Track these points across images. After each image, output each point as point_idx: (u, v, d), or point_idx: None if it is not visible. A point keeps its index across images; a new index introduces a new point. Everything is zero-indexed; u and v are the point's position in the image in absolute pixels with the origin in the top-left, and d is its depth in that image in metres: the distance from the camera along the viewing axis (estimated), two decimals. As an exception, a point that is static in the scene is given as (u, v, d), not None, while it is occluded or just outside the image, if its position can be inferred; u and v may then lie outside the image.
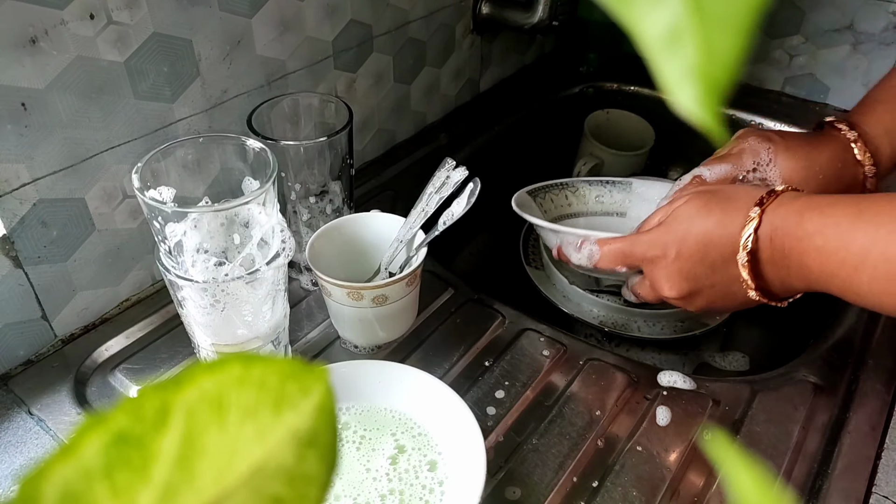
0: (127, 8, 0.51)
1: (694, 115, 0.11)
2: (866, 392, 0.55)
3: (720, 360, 0.73)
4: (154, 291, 0.62)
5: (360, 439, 0.49)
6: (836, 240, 0.43)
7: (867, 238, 0.41)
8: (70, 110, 0.51)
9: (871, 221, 0.41)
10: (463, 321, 0.61)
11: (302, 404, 0.13)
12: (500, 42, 1.00)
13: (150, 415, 0.12)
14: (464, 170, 0.54)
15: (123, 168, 0.56)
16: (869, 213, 0.42)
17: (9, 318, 0.53)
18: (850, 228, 0.42)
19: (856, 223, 0.42)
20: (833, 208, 0.44)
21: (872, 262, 0.41)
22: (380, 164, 0.84)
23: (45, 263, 0.53)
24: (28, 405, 0.52)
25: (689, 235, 0.50)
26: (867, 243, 0.41)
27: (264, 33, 0.63)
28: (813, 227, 0.44)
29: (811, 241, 0.44)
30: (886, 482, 0.48)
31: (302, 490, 0.13)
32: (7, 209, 0.50)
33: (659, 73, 0.11)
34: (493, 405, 0.53)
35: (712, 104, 0.11)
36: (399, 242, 0.56)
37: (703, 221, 0.49)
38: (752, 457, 0.47)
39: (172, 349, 0.57)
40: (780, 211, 0.46)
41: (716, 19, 0.11)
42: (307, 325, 0.60)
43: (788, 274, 0.47)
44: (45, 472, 0.12)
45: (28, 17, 0.46)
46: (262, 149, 0.47)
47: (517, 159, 0.97)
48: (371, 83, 0.79)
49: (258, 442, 0.13)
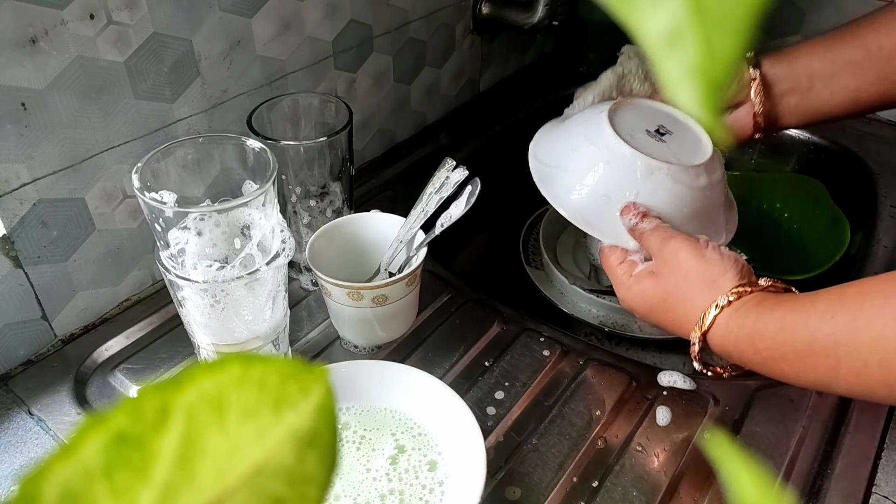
0: (127, 8, 0.51)
1: (694, 114, 0.11)
2: (866, 392, 0.55)
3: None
4: (154, 291, 0.62)
5: (360, 439, 0.49)
6: (800, 366, 0.44)
7: (831, 360, 0.42)
8: (70, 110, 0.51)
9: (827, 341, 0.42)
10: (463, 321, 0.61)
11: (302, 404, 0.13)
12: (500, 42, 1.00)
13: (150, 415, 0.12)
14: (464, 170, 0.54)
15: (123, 168, 0.56)
16: (823, 333, 0.42)
17: (9, 318, 0.53)
18: (810, 355, 0.43)
19: (813, 347, 0.43)
20: (784, 333, 0.44)
21: (844, 378, 0.42)
22: (380, 164, 0.84)
23: (45, 263, 0.53)
24: (28, 405, 0.52)
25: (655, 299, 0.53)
26: (833, 364, 0.42)
27: (264, 33, 0.63)
28: (771, 356, 0.45)
29: (777, 367, 0.46)
30: (886, 482, 0.48)
31: (302, 490, 0.13)
32: (7, 209, 0.50)
33: (659, 73, 0.11)
34: (493, 405, 0.53)
35: (712, 103, 0.11)
36: (399, 242, 0.56)
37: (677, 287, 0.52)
38: (752, 457, 0.47)
39: (172, 349, 0.57)
40: (731, 334, 0.48)
41: (716, 19, 0.11)
42: (307, 325, 0.60)
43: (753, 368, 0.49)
44: (45, 472, 0.12)
45: (28, 17, 0.46)
46: (262, 149, 0.47)
47: (517, 159, 0.97)
48: (371, 83, 0.79)
49: (258, 442, 0.13)
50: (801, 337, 0.43)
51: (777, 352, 0.44)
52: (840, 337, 0.41)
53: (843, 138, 0.91)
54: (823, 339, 0.42)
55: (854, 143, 0.90)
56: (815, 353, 0.42)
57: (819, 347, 0.42)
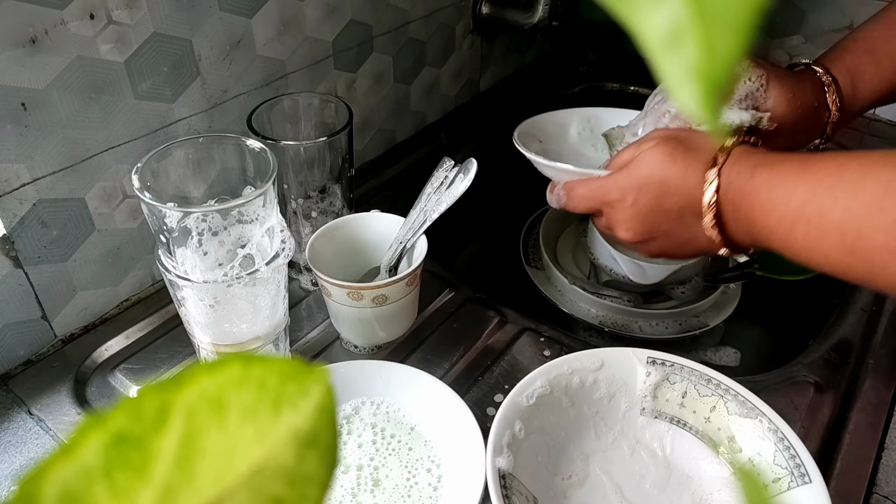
0: (127, 8, 0.51)
1: (695, 114, 0.11)
2: (866, 392, 0.55)
3: (712, 354, 0.73)
4: (154, 291, 0.62)
5: (360, 439, 0.49)
6: (779, 195, 0.43)
7: (806, 193, 0.42)
8: (70, 110, 0.51)
9: (813, 177, 0.42)
10: (463, 321, 0.61)
11: (302, 404, 0.13)
12: (500, 42, 1.00)
13: (149, 415, 0.12)
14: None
15: (123, 168, 0.56)
16: (813, 170, 0.42)
17: (9, 318, 0.53)
18: (793, 184, 0.43)
19: (798, 179, 0.43)
20: (782, 164, 0.44)
21: (807, 217, 0.41)
22: (380, 164, 0.84)
23: (45, 263, 0.53)
24: (28, 405, 0.52)
25: (650, 183, 0.51)
26: (805, 198, 0.42)
27: (264, 33, 0.63)
28: (761, 181, 0.45)
29: (758, 196, 0.45)
30: (886, 482, 0.48)
31: (302, 490, 0.13)
32: (7, 209, 0.50)
33: (660, 73, 0.11)
34: (492, 406, 0.53)
35: (713, 103, 0.11)
36: (399, 242, 0.56)
37: (664, 170, 0.50)
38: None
39: (172, 349, 0.57)
40: (735, 168, 0.47)
41: (716, 19, 0.11)
42: (307, 325, 0.60)
43: (738, 227, 0.48)
44: (44, 472, 0.12)
45: (28, 17, 0.46)
46: (262, 149, 0.47)
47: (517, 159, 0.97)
48: (371, 83, 0.79)
49: (258, 442, 0.13)
50: (795, 165, 0.43)
51: (768, 176, 0.44)
52: (825, 174, 0.41)
53: (843, 138, 0.91)
54: (812, 172, 0.42)
55: (854, 143, 0.90)
56: (797, 182, 0.42)
57: (802, 178, 0.42)
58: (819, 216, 0.41)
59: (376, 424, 0.50)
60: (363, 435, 0.49)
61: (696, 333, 0.70)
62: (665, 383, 0.50)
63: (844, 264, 0.40)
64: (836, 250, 0.40)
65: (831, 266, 0.41)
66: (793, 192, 0.43)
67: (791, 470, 0.43)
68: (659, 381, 0.49)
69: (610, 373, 0.50)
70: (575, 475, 0.48)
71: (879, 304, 0.64)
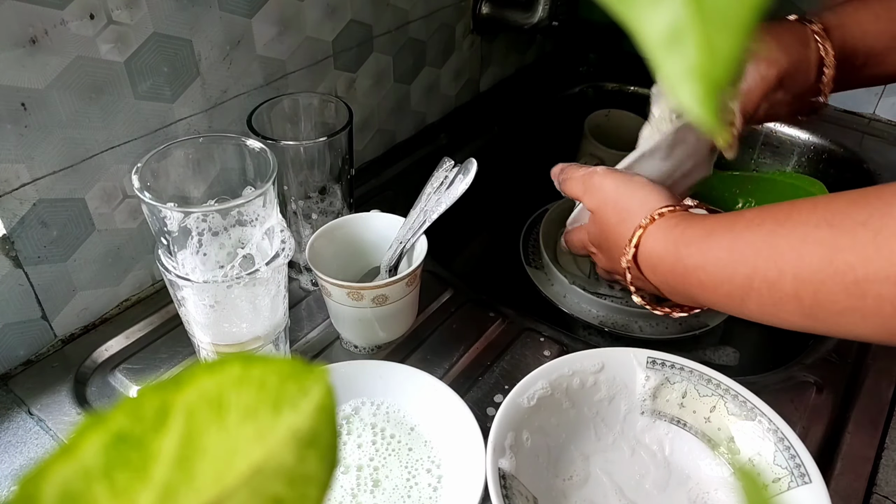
0: (127, 8, 0.51)
1: (695, 114, 0.11)
2: (866, 392, 0.55)
3: (712, 354, 0.73)
4: (154, 291, 0.62)
5: (359, 439, 0.49)
6: (718, 275, 0.43)
7: (748, 268, 0.41)
8: (70, 110, 0.51)
9: (749, 246, 0.41)
10: (463, 321, 0.61)
11: (302, 404, 0.13)
12: (500, 42, 1.00)
13: (149, 415, 0.12)
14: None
15: (123, 168, 0.56)
16: (745, 239, 0.42)
17: (9, 318, 0.53)
18: (730, 261, 0.42)
19: (733, 253, 0.42)
20: (710, 240, 0.44)
21: (757, 290, 0.41)
22: (380, 164, 0.84)
23: (45, 263, 0.53)
24: (28, 405, 0.52)
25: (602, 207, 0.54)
26: (749, 273, 0.41)
27: (264, 33, 0.63)
28: (693, 263, 0.45)
29: (695, 276, 0.45)
30: (886, 482, 0.48)
31: (302, 490, 0.13)
32: (7, 209, 0.50)
33: (660, 73, 0.11)
34: (492, 406, 0.53)
35: (713, 103, 0.11)
36: (399, 242, 0.56)
37: (607, 217, 0.53)
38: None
39: (172, 349, 0.57)
40: (658, 246, 0.48)
41: (717, 19, 0.11)
42: (307, 325, 0.60)
43: (678, 296, 0.49)
44: (44, 472, 0.12)
45: (28, 17, 0.46)
46: (262, 149, 0.47)
47: (517, 159, 0.97)
48: (371, 83, 0.79)
49: (258, 442, 0.13)
50: (725, 242, 0.43)
51: (700, 258, 0.44)
52: (760, 245, 0.40)
53: (843, 138, 0.91)
54: (744, 246, 0.41)
55: (854, 143, 0.90)
56: (735, 260, 0.42)
57: (738, 254, 0.42)
58: (769, 287, 0.40)
59: (376, 425, 0.50)
60: (363, 435, 0.49)
61: (696, 333, 0.70)
62: (665, 384, 0.50)
63: (808, 327, 0.40)
64: (797, 316, 0.40)
65: (796, 328, 0.41)
66: (732, 271, 0.42)
67: (791, 470, 0.43)
68: (659, 383, 0.50)
69: (610, 375, 0.50)
70: (576, 475, 0.48)
71: (879, 304, 0.64)
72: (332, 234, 0.56)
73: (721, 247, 0.43)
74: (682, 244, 0.45)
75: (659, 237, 0.47)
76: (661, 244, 0.47)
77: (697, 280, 0.44)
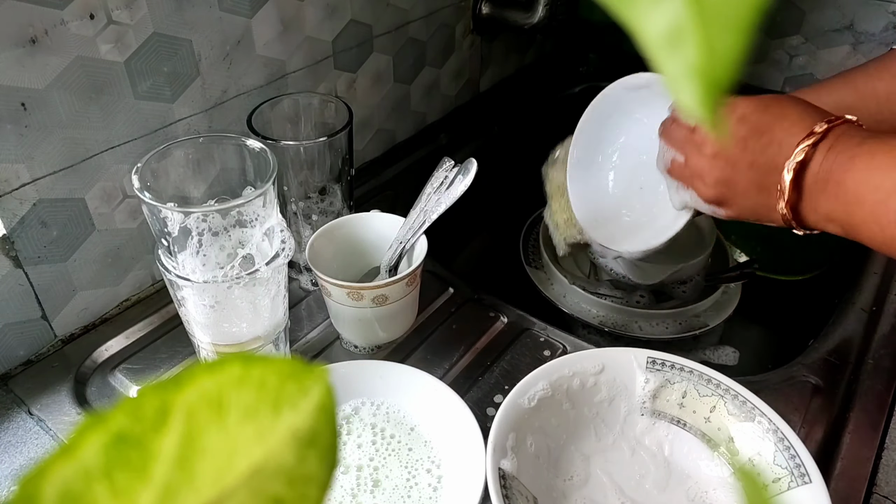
0: (127, 8, 0.51)
1: (695, 114, 0.11)
2: (866, 392, 0.55)
3: (712, 354, 0.73)
4: (154, 291, 0.62)
5: (359, 439, 0.49)
6: (884, 163, 0.42)
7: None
8: (70, 110, 0.51)
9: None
10: (463, 321, 0.61)
11: (302, 404, 0.13)
12: (500, 42, 1.00)
13: (149, 415, 0.12)
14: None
15: (123, 168, 0.56)
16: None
17: (9, 318, 0.53)
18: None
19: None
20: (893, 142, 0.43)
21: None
22: (380, 164, 0.84)
23: (45, 263, 0.53)
24: (28, 405, 0.52)
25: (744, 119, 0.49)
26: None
27: (264, 33, 0.63)
28: (868, 148, 0.44)
29: (861, 161, 0.43)
30: (886, 482, 0.48)
31: (302, 490, 0.13)
32: (7, 209, 0.50)
33: (660, 73, 0.11)
34: (492, 406, 0.53)
35: (713, 103, 0.11)
36: (399, 242, 0.56)
37: (759, 116, 0.49)
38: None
39: (172, 349, 0.57)
40: (842, 138, 0.46)
41: (717, 19, 0.11)
42: (307, 325, 0.60)
43: (824, 197, 0.46)
44: (44, 472, 0.12)
45: (28, 17, 0.46)
46: (262, 149, 0.47)
47: (517, 159, 0.97)
48: (371, 83, 0.79)
49: (258, 442, 0.13)
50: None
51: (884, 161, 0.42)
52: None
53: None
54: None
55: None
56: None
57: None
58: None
59: (376, 425, 0.50)
60: (363, 435, 0.49)
61: (696, 333, 0.70)
62: (665, 384, 0.50)
63: None
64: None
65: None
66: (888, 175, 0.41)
67: (791, 470, 0.43)
68: (659, 385, 0.50)
69: (611, 377, 0.50)
70: (576, 476, 0.48)
71: (879, 304, 0.64)
72: (332, 234, 0.56)
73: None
74: (868, 137, 0.44)
75: (841, 137, 0.45)
76: (842, 140, 0.45)
77: (861, 167, 0.43)
